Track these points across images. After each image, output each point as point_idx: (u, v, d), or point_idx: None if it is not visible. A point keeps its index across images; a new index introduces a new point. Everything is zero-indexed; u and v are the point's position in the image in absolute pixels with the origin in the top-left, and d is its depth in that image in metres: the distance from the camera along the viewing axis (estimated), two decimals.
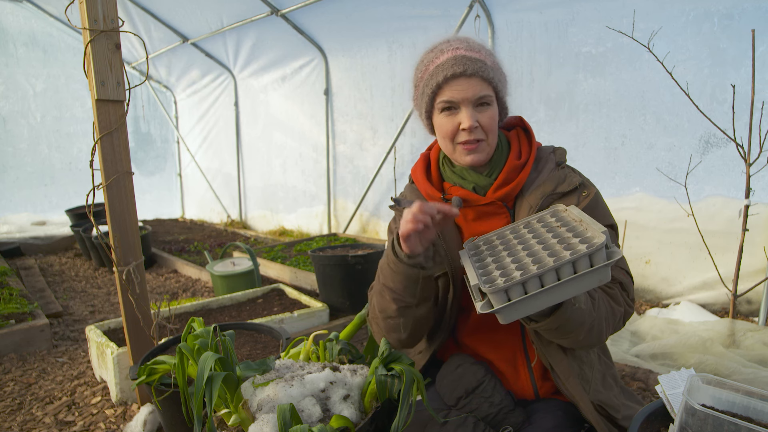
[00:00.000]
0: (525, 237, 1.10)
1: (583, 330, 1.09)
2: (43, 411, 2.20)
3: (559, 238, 1.01)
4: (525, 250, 1.04)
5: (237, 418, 1.10)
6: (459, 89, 1.17)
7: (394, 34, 4.57)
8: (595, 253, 0.92)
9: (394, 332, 1.25)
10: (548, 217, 1.13)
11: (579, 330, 1.08)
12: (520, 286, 0.94)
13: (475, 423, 1.16)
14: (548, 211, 1.15)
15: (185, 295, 3.97)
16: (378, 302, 1.27)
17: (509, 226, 1.18)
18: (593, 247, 0.92)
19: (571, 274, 0.93)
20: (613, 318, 1.18)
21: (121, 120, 1.89)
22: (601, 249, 0.92)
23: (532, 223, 1.15)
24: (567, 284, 0.93)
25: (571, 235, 1.00)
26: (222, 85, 6.75)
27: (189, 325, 1.33)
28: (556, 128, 3.61)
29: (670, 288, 3.21)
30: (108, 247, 1.97)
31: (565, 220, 1.09)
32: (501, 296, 0.95)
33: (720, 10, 2.82)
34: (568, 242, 0.99)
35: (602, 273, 0.93)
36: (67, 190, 6.79)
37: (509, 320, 0.96)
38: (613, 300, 1.20)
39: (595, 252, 0.92)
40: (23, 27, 6.35)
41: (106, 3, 1.80)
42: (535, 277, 0.93)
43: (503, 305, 0.94)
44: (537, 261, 0.97)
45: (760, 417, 0.95)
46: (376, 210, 5.22)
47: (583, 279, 0.93)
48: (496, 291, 0.94)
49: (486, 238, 1.18)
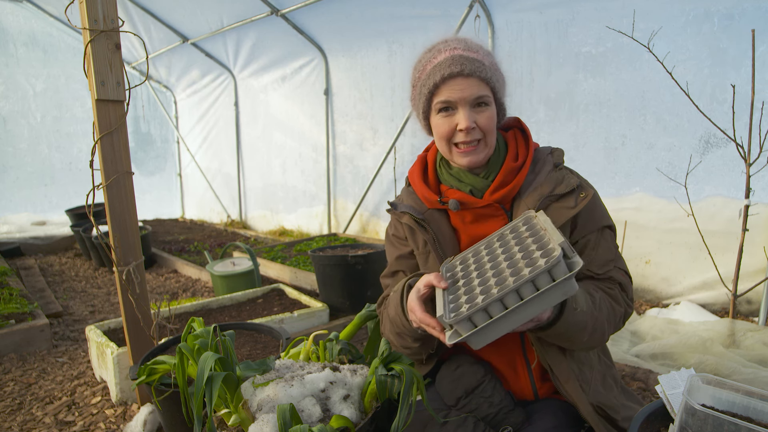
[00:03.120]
0: (495, 253, 1.08)
1: (586, 332, 1.09)
2: (43, 411, 2.20)
3: (524, 252, 0.99)
4: (492, 269, 1.02)
5: (237, 418, 1.10)
6: (456, 89, 1.16)
7: (394, 34, 4.57)
8: (554, 267, 0.89)
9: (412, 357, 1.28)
10: (520, 226, 1.11)
11: (582, 333, 1.08)
12: (484, 311, 0.93)
13: (475, 423, 1.16)
14: (521, 219, 1.13)
15: (185, 295, 3.97)
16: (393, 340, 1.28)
17: (484, 241, 1.17)
18: (550, 262, 0.89)
19: (532, 292, 0.91)
20: (614, 318, 1.18)
21: (121, 120, 1.89)
22: (558, 262, 0.89)
23: (505, 235, 1.12)
24: (530, 303, 0.91)
25: (535, 248, 0.98)
26: (222, 85, 6.75)
27: (189, 325, 1.32)
28: (556, 128, 3.61)
29: (670, 288, 3.21)
30: (108, 247, 1.97)
31: (534, 228, 1.06)
32: (466, 324, 0.94)
33: (720, 10, 2.82)
34: (530, 257, 0.96)
35: (566, 286, 0.90)
36: (67, 190, 6.80)
37: (480, 345, 0.95)
38: (614, 300, 1.20)
39: (553, 267, 0.89)
40: (23, 27, 6.35)
41: (106, 3, 1.80)
42: (496, 301, 0.92)
43: (470, 333, 0.93)
44: (500, 282, 0.95)
45: (760, 417, 0.95)
46: (376, 210, 5.22)
47: (545, 295, 0.91)
48: (458, 321, 0.93)
49: (463, 257, 1.17)
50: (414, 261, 1.37)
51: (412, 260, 1.37)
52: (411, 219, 1.30)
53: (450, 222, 1.31)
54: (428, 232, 1.27)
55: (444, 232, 1.29)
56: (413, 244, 1.34)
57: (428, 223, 1.28)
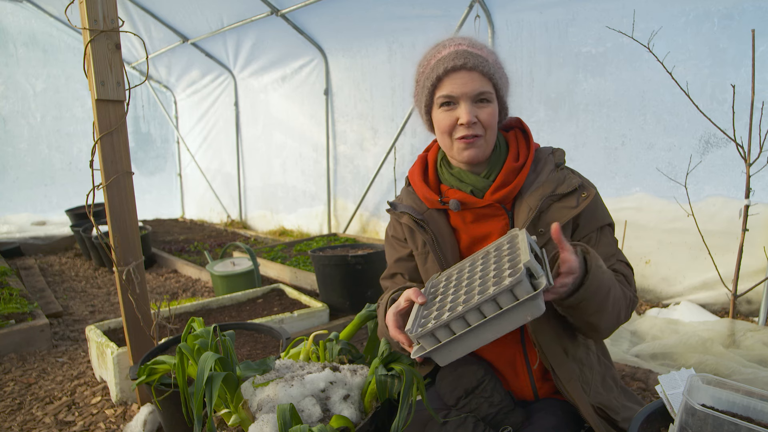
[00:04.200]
0: (475, 270, 1.06)
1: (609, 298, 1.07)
2: (43, 411, 2.20)
3: (498, 270, 0.97)
4: (466, 287, 1.00)
5: (237, 418, 1.10)
6: (459, 83, 1.16)
7: (394, 34, 4.57)
8: (516, 286, 0.87)
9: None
10: (504, 244, 1.09)
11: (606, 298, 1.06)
12: (447, 328, 0.91)
13: (475, 423, 1.16)
14: (506, 237, 1.12)
15: (185, 295, 3.97)
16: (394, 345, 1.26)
17: (471, 258, 1.15)
18: (512, 280, 0.86)
19: (495, 310, 0.89)
20: (625, 299, 1.17)
21: (121, 120, 1.89)
22: (520, 281, 0.86)
23: (489, 253, 1.11)
24: (491, 322, 0.89)
25: (508, 266, 0.95)
26: (222, 85, 6.76)
27: (189, 325, 1.33)
28: (556, 128, 3.61)
29: (670, 288, 3.21)
30: (108, 247, 1.97)
31: (515, 247, 1.03)
32: (430, 339, 0.93)
33: (720, 10, 2.82)
34: (501, 275, 0.94)
35: (531, 307, 0.87)
36: (67, 190, 6.79)
37: (446, 362, 0.94)
38: (621, 284, 1.20)
39: (515, 285, 0.86)
40: (23, 27, 6.34)
41: (106, 3, 1.80)
42: (458, 318, 0.90)
43: (432, 348, 0.92)
44: (468, 299, 0.94)
45: (760, 417, 0.95)
46: (376, 210, 5.22)
47: (508, 315, 0.88)
48: (421, 335, 0.92)
49: (448, 273, 1.16)
50: (412, 263, 1.37)
51: (410, 262, 1.37)
52: (410, 219, 1.30)
53: (449, 222, 1.31)
54: (427, 232, 1.27)
55: (443, 233, 1.28)
56: (412, 245, 1.34)
57: (427, 223, 1.28)
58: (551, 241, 1.20)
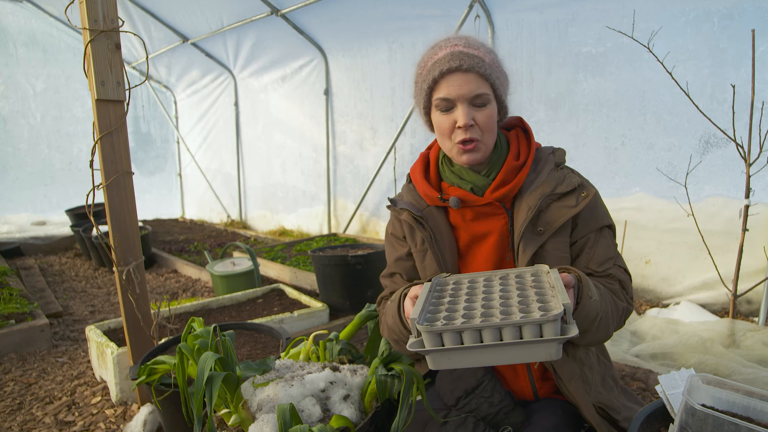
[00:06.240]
0: (493, 287, 1.04)
1: (595, 323, 1.08)
2: (43, 411, 2.20)
3: (522, 299, 0.94)
4: (484, 301, 0.97)
5: (237, 418, 1.10)
6: (455, 85, 1.15)
7: (394, 34, 4.57)
8: (547, 323, 0.84)
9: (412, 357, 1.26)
10: (527, 274, 1.07)
11: (592, 324, 1.07)
12: (457, 335, 0.88)
13: (475, 423, 1.16)
14: (531, 268, 1.10)
15: (185, 295, 3.97)
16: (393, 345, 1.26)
17: (486, 273, 1.14)
18: (547, 316, 0.83)
19: (515, 338, 0.86)
20: (617, 313, 1.18)
21: (121, 120, 1.89)
22: (554, 321, 0.83)
23: (508, 276, 1.09)
24: (506, 348, 0.86)
25: (536, 299, 0.92)
26: (222, 85, 6.76)
27: (189, 325, 1.33)
28: (555, 128, 3.61)
29: (670, 288, 3.21)
30: (108, 247, 1.97)
31: (540, 282, 1.01)
32: (435, 339, 0.89)
33: (720, 10, 2.82)
34: (528, 305, 0.91)
35: (550, 347, 0.84)
36: (67, 190, 6.79)
37: (438, 367, 0.90)
38: (615, 295, 1.20)
39: (547, 322, 0.83)
40: (23, 27, 6.34)
41: (106, 3, 1.80)
42: (474, 329, 0.86)
43: (433, 348, 0.88)
44: (486, 315, 0.91)
45: (760, 417, 0.95)
46: (376, 210, 5.22)
47: (526, 348, 0.85)
48: (429, 331, 0.87)
49: (458, 278, 1.14)
50: (411, 263, 1.37)
51: (408, 262, 1.37)
52: (409, 215, 1.30)
53: (449, 220, 1.31)
54: (426, 229, 1.27)
55: (442, 230, 1.28)
56: (411, 242, 1.34)
57: (426, 220, 1.28)
58: (550, 240, 1.20)
